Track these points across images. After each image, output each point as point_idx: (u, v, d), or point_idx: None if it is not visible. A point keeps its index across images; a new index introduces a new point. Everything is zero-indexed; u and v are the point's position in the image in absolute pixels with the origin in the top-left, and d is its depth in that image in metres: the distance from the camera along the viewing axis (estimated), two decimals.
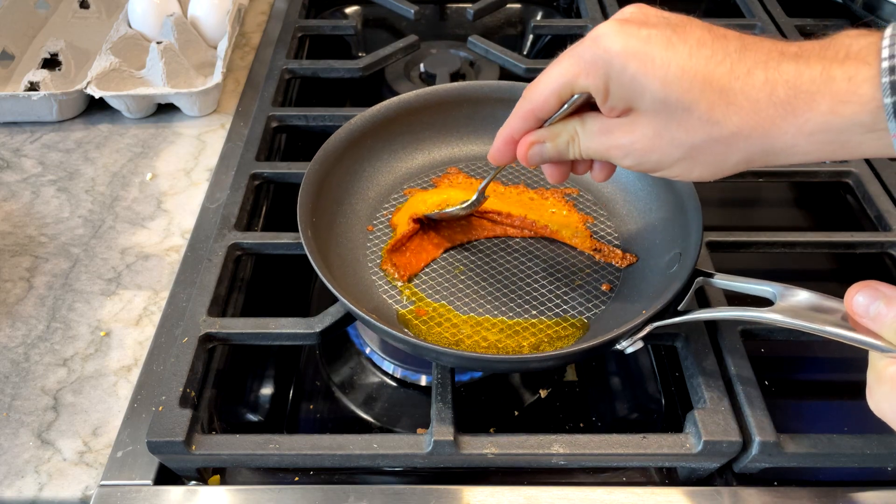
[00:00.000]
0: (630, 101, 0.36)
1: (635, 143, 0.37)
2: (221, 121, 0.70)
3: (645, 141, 0.37)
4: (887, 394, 0.33)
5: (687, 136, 0.35)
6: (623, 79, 0.35)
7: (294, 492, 0.41)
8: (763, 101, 0.33)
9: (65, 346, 0.50)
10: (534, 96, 0.39)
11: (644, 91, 0.35)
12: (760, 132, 0.34)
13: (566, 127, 0.40)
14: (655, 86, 0.34)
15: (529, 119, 0.40)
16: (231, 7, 0.77)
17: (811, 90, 0.32)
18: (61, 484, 0.43)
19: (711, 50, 0.34)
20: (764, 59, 0.33)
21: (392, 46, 0.76)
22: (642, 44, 0.34)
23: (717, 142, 0.35)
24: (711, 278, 0.44)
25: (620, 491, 0.41)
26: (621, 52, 0.34)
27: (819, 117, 0.32)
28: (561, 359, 0.45)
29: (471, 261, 0.52)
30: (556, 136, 0.40)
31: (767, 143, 0.34)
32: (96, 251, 0.57)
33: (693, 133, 0.35)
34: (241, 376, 0.54)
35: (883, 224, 0.57)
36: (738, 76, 0.33)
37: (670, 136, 0.36)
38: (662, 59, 0.34)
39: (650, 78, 0.34)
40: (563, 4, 0.94)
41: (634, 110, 0.36)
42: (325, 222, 0.51)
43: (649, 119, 0.36)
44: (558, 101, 0.38)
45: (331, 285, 0.43)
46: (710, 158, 0.36)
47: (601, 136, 0.38)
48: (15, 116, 0.69)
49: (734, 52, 0.34)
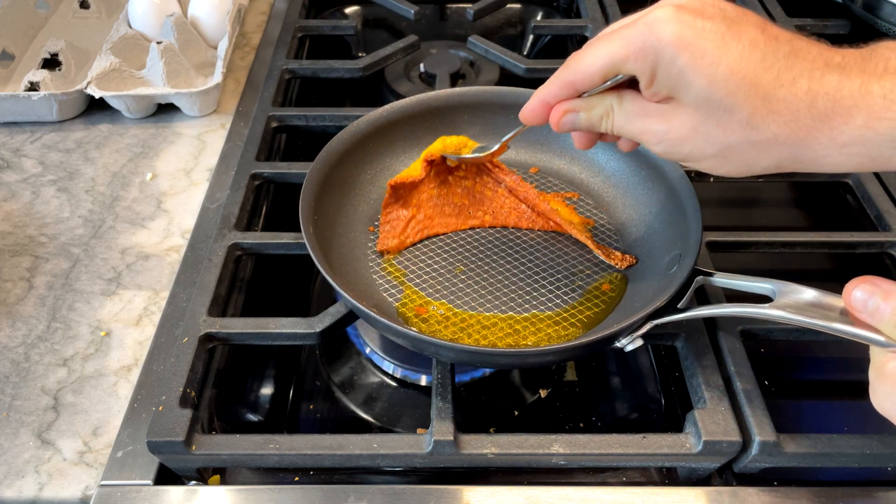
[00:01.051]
0: (674, 92, 0.36)
1: (670, 132, 0.37)
2: (221, 121, 0.70)
3: (680, 132, 0.37)
4: (889, 390, 0.33)
5: (724, 135, 0.35)
6: (671, 69, 0.35)
7: (294, 492, 0.41)
8: (803, 111, 0.33)
9: (65, 346, 0.50)
10: (578, 68, 0.38)
11: (690, 85, 0.34)
12: (795, 140, 0.34)
13: (603, 101, 0.39)
14: (702, 82, 0.34)
15: (568, 89, 0.40)
16: (231, 7, 0.77)
17: (849, 104, 0.33)
18: (61, 484, 0.43)
19: (762, 53, 0.34)
20: (809, 68, 0.33)
21: (392, 46, 0.76)
22: (696, 36, 0.34)
23: (753, 145, 0.35)
24: (711, 277, 0.44)
25: (620, 491, 0.41)
26: (673, 42, 0.34)
27: (854, 131, 0.33)
28: (560, 353, 0.46)
29: (471, 260, 0.52)
30: (591, 108, 0.40)
31: (800, 152, 0.35)
32: (96, 251, 0.57)
33: (730, 133, 0.35)
34: (241, 376, 0.54)
35: (883, 224, 0.57)
36: (783, 84, 0.33)
37: (707, 133, 0.36)
38: (714, 57, 0.34)
39: (698, 74, 0.34)
40: (563, 4, 0.94)
41: (676, 100, 0.36)
42: (327, 222, 0.51)
43: (689, 112, 0.36)
44: (602, 79, 0.38)
45: (332, 279, 0.43)
46: (742, 159, 0.36)
47: (637, 119, 0.38)
48: (15, 116, 0.69)
49: (783, 58, 0.34)
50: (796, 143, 0.34)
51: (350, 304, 0.45)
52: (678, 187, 0.50)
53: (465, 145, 0.52)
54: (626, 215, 0.55)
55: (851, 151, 0.34)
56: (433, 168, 0.53)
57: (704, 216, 0.47)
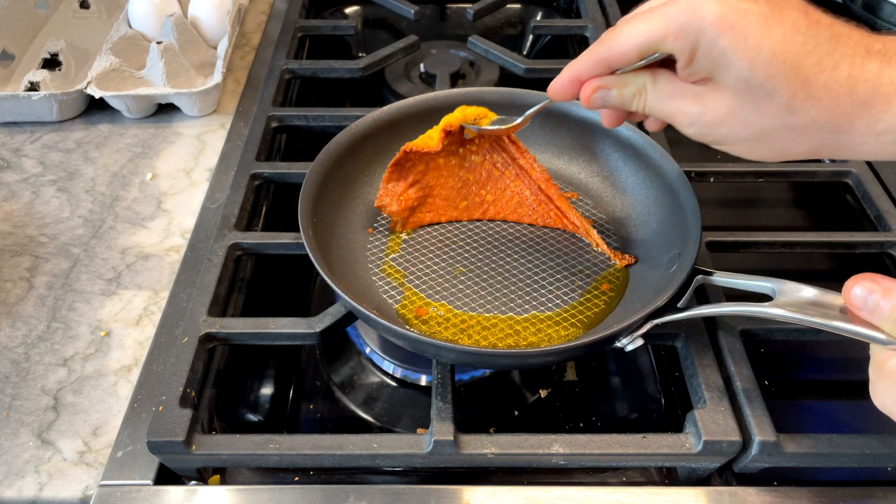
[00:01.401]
0: (712, 73, 0.35)
1: (705, 114, 0.36)
2: (221, 121, 0.70)
3: (716, 114, 0.36)
4: (889, 388, 0.33)
5: (761, 119, 0.35)
6: (712, 51, 0.34)
7: (294, 492, 0.41)
8: (842, 98, 0.33)
9: (65, 346, 0.50)
10: (613, 45, 0.37)
11: (730, 67, 0.34)
12: (833, 126, 0.34)
13: (636, 79, 0.39)
14: (743, 65, 0.34)
15: (601, 65, 0.39)
16: (231, 7, 0.77)
17: (889, 91, 0.33)
18: (61, 484, 0.43)
19: (804, 37, 0.33)
20: (850, 54, 0.33)
21: (392, 46, 0.76)
22: (739, 17, 0.33)
23: (790, 130, 0.35)
24: (711, 276, 0.44)
25: (620, 491, 0.41)
26: (716, 23, 0.33)
27: (892, 119, 0.33)
28: (561, 354, 0.46)
29: (470, 261, 0.52)
30: (623, 85, 0.39)
31: (837, 138, 0.34)
32: (96, 251, 0.57)
33: (768, 118, 0.35)
34: (241, 376, 0.54)
35: (883, 224, 0.57)
36: (825, 69, 0.33)
37: (744, 116, 0.35)
38: (756, 39, 0.33)
39: (740, 56, 0.33)
40: (563, 4, 0.94)
41: (713, 82, 0.36)
42: (326, 223, 0.51)
43: (726, 95, 0.35)
44: (638, 57, 0.37)
45: (331, 282, 0.43)
46: (778, 144, 0.36)
47: (671, 99, 0.38)
48: (15, 116, 0.69)
49: (824, 43, 0.33)
50: (834, 129, 0.34)
51: (350, 306, 0.45)
52: (677, 187, 0.50)
53: (484, 115, 0.51)
54: (626, 215, 0.55)
55: (888, 140, 0.34)
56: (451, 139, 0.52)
57: (704, 216, 0.47)
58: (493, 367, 0.53)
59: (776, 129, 0.35)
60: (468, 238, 0.54)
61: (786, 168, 0.61)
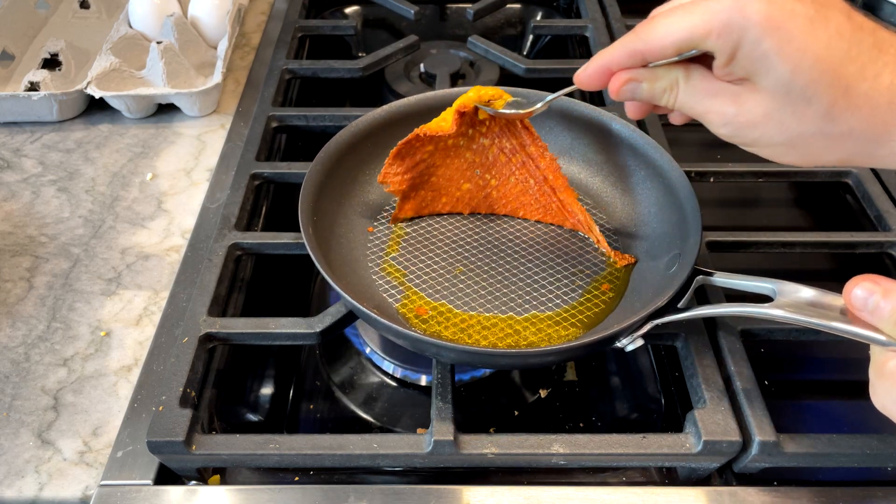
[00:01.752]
0: (752, 74, 0.34)
1: (740, 115, 0.35)
2: (221, 121, 0.70)
3: (751, 116, 0.35)
4: (889, 389, 0.32)
5: (798, 125, 0.34)
6: (755, 51, 0.33)
7: (294, 492, 0.42)
8: (883, 107, 0.33)
9: (65, 346, 0.50)
10: (650, 38, 0.36)
11: (772, 70, 0.33)
12: (870, 136, 0.34)
13: (668, 74, 0.37)
14: (785, 68, 0.33)
15: (635, 58, 0.37)
16: (231, 7, 0.77)
17: None
18: (61, 484, 0.43)
19: (848, 43, 0.32)
20: (893, 62, 0.33)
21: (392, 46, 0.76)
22: (785, 18, 0.32)
23: (826, 137, 0.34)
24: (711, 277, 0.44)
25: (620, 491, 0.41)
26: (761, 23, 0.32)
27: None
28: (561, 354, 0.46)
29: (470, 260, 0.52)
30: (655, 79, 0.38)
31: (873, 148, 0.34)
32: (96, 251, 0.57)
33: (805, 124, 0.34)
34: (241, 376, 0.54)
35: (883, 224, 0.57)
36: (867, 78, 0.33)
37: (780, 120, 0.34)
38: (800, 43, 0.32)
39: (783, 60, 0.33)
40: (563, 4, 0.94)
41: (751, 83, 0.34)
42: (326, 222, 0.51)
43: (764, 97, 0.34)
44: (675, 52, 0.36)
45: (332, 280, 0.43)
46: (811, 150, 0.35)
47: (704, 97, 0.37)
48: (15, 116, 0.69)
49: (867, 51, 0.33)
50: (871, 139, 0.34)
51: (350, 305, 0.45)
52: (678, 187, 0.50)
53: (499, 97, 0.50)
54: (626, 215, 0.55)
55: None
56: (463, 120, 0.51)
57: (704, 216, 0.47)
58: (493, 367, 0.53)
59: (812, 135, 0.34)
60: (468, 237, 0.54)
61: (786, 168, 0.61)
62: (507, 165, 0.54)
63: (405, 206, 0.55)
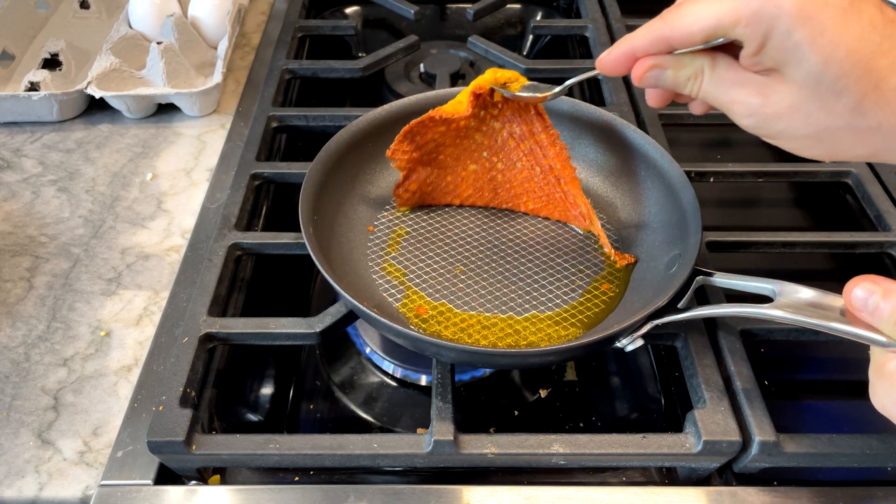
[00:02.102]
0: (781, 65, 0.33)
1: (765, 107, 0.35)
2: (221, 121, 0.70)
3: (777, 108, 0.34)
4: (889, 389, 0.32)
5: (826, 118, 0.33)
6: (786, 42, 0.32)
7: (294, 492, 0.42)
8: None
9: (65, 346, 0.50)
10: (677, 24, 0.35)
11: (802, 61, 0.32)
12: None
13: (693, 62, 0.37)
14: (816, 60, 0.32)
15: (660, 44, 0.36)
16: (231, 7, 0.77)
17: None
18: (61, 484, 0.43)
19: (881, 37, 0.32)
20: None
21: (392, 47, 0.76)
22: (818, 9, 0.32)
23: (854, 132, 0.34)
24: (711, 277, 0.44)
25: (620, 491, 0.41)
26: (793, 13, 0.32)
27: None
28: (561, 353, 0.46)
29: (471, 260, 0.52)
30: (680, 67, 0.37)
31: None
32: (96, 251, 0.57)
33: (833, 117, 0.33)
34: (241, 376, 0.54)
35: (883, 224, 0.57)
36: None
37: (807, 113, 0.34)
38: (833, 35, 0.32)
39: (815, 51, 0.32)
40: (563, 4, 0.94)
41: (780, 73, 0.34)
42: (327, 222, 0.51)
43: (792, 89, 0.34)
44: (702, 40, 0.35)
45: (332, 280, 0.43)
46: (837, 144, 0.35)
47: (729, 87, 0.36)
48: (15, 116, 0.69)
49: None
50: None
51: (351, 305, 0.45)
52: (678, 187, 0.50)
53: (516, 80, 0.49)
54: (626, 215, 0.55)
55: None
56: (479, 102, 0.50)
57: (704, 216, 0.47)
58: (493, 367, 0.53)
59: (839, 129, 0.34)
60: (469, 237, 0.54)
61: (786, 168, 0.61)
62: (514, 151, 0.54)
63: (410, 181, 0.54)
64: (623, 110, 0.66)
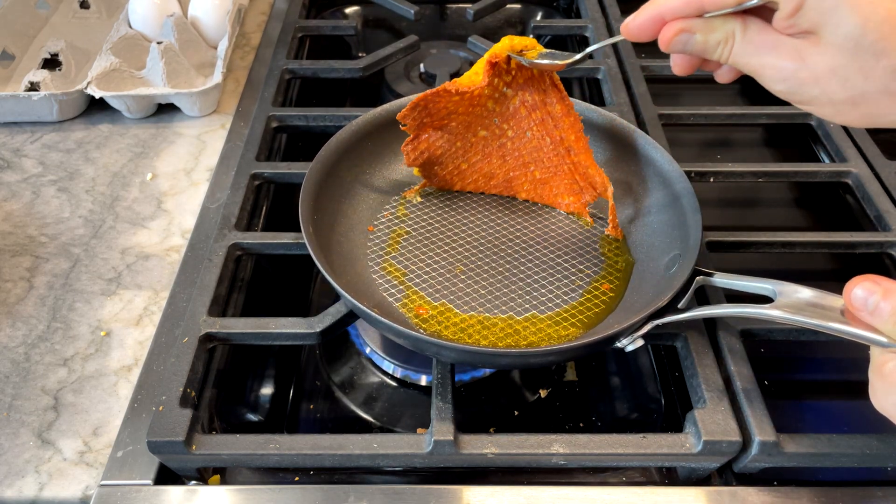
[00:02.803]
0: (818, 27, 0.32)
1: (800, 71, 0.34)
2: (221, 121, 0.70)
3: (813, 72, 0.33)
4: (888, 390, 0.32)
5: (864, 82, 0.33)
6: (824, 2, 0.31)
7: (294, 492, 0.42)
8: None
9: (65, 346, 0.50)
10: None
11: (840, 23, 0.32)
12: None
13: (724, 25, 0.35)
14: (856, 21, 0.31)
15: (691, 6, 0.35)
16: (231, 7, 0.77)
17: None
18: (61, 484, 0.43)
19: None
20: None
21: (392, 47, 0.76)
22: None
23: (892, 95, 0.33)
24: (711, 277, 0.44)
25: (620, 491, 0.41)
26: None
27: None
28: (562, 353, 0.46)
29: (471, 260, 0.52)
30: (710, 31, 0.35)
31: None
32: (97, 251, 0.57)
33: (871, 81, 0.33)
34: (241, 376, 0.54)
35: (883, 224, 0.57)
36: None
37: (845, 76, 0.33)
38: None
39: (855, 12, 0.31)
40: (563, 4, 0.94)
41: (817, 36, 0.33)
42: (327, 221, 0.51)
43: (830, 52, 0.33)
44: (736, 2, 0.34)
45: (332, 279, 0.43)
46: (873, 109, 0.34)
47: (762, 51, 0.34)
48: (15, 116, 0.69)
49: None
50: None
51: (351, 305, 0.45)
52: (678, 187, 0.50)
53: (532, 47, 0.48)
54: (626, 215, 0.55)
55: None
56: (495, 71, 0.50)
57: (704, 216, 0.47)
58: (493, 367, 0.53)
59: (877, 93, 0.33)
60: (469, 237, 0.54)
61: (786, 168, 0.61)
62: (525, 119, 0.53)
63: (420, 140, 0.54)
64: (623, 110, 0.66)
